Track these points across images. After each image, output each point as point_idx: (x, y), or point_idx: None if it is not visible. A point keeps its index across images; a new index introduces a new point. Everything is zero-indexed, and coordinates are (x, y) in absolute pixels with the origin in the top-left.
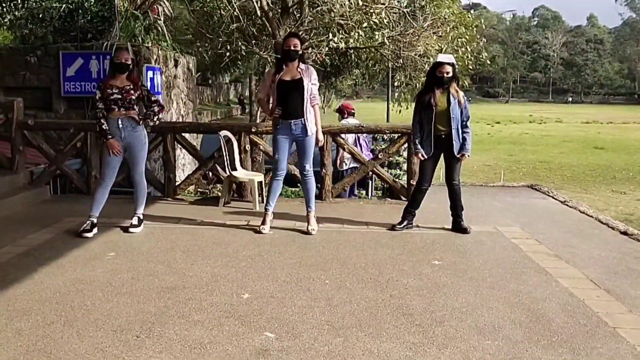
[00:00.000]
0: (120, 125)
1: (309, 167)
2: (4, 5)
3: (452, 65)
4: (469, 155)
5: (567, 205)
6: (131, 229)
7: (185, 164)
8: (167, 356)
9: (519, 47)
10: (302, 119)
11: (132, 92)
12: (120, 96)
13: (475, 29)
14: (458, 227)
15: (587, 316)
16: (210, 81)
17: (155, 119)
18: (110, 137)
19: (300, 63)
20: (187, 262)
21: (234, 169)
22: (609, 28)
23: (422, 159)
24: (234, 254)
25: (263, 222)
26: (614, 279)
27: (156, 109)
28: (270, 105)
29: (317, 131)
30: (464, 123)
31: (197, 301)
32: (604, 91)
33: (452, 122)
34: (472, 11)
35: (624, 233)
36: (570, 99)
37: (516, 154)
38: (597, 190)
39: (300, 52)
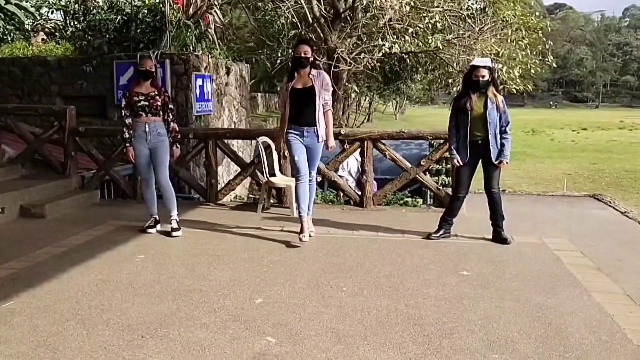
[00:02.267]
0: (147, 130)
1: (314, 173)
2: (67, 18)
3: (489, 68)
4: (507, 162)
5: (627, 216)
6: (174, 233)
7: (237, 170)
8: (165, 356)
9: (608, 49)
10: (315, 128)
11: (157, 98)
12: (147, 103)
13: (540, 31)
14: (498, 237)
15: (611, 332)
16: (278, 88)
17: (177, 131)
18: (128, 144)
19: (312, 69)
20: (211, 266)
21: (273, 174)
22: None
23: (458, 165)
24: (259, 259)
25: (301, 230)
26: None
27: (176, 126)
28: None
29: (328, 137)
30: (503, 129)
31: (209, 304)
32: None
33: (489, 128)
34: (556, 12)
35: None
36: None
37: (600, 162)
38: None
39: (312, 58)
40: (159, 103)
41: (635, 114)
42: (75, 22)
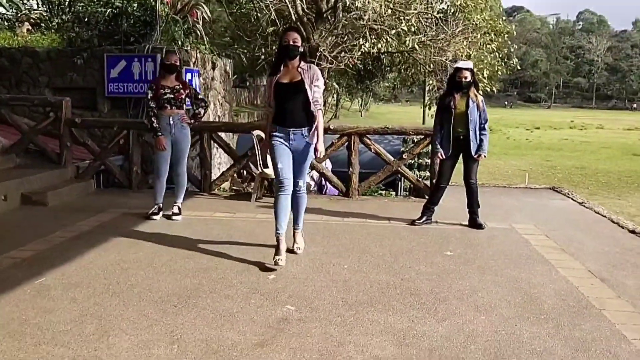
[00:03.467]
0: (171, 122)
1: (303, 182)
2: (51, 9)
3: (471, 70)
4: (485, 156)
5: (584, 206)
6: (174, 217)
7: (220, 163)
8: (201, 321)
9: (562, 52)
10: (303, 129)
11: (182, 91)
12: (172, 95)
13: (506, 35)
14: (474, 223)
15: (577, 300)
16: (247, 83)
17: (201, 116)
18: (160, 134)
19: (302, 62)
20: (220, 247)
21: (266, 166)
22: None
23: (441, 158)
24: (262, 242)
25: (277, 252)
26: (612, 270)
27: (202, 111)
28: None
29: (317, 141)
30: (482, 125)
31: (227, 280)
32: None
33: (469, 125)
34: (514, 14)
35: (632, 232)
36: (635, 105)
37: (553, 159)
38: (631, 196)
39: (302, 48)
40: (183, 96)
41: (585, 114)
42: (61, 13)
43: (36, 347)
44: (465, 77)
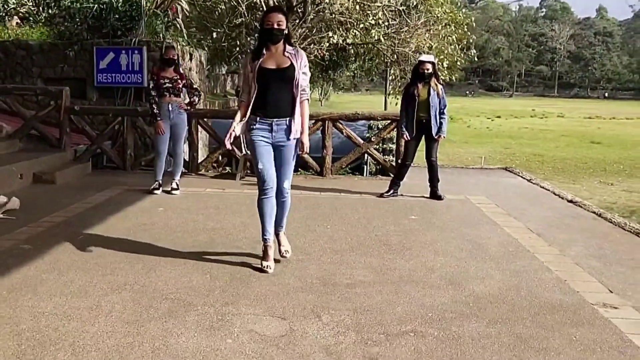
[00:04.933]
0: (170, 109)
1: (288, 184)
2: (39, 3)
3: (432, 63)
4: (444, 137)
5: (531, 182)
6: (173, 192)
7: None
8: (223, 261)
9: (524, 40)
10: (288, 119)
11: (179, 81)
12: (171, 85)
13: (466, 26)
14: (434, 195)
15: (515, 247)
16: (207, 73)
17: (196, 103)
18: (159, 119)
19: (287, 45)
20: (220, 214)
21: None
22: (619, 21)
23: (407, 139)
24: (256, 211)
25: (265, 257)
26: (548, 228)
27: (196, 99)
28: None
29: (302, 134)
30: (442, 110)
31: (234, 235)
32: (612, 86)
33: (431, 110)
34: (477, 1)
35: (570, 201)
36: (606, 94)
37: (512, 147)
38: (585, 181)
39: (287, 31)
40: (181, 86)
41: (546, 103)
42: (47, 8)
43: (103, 277)
44: (427, 69)
